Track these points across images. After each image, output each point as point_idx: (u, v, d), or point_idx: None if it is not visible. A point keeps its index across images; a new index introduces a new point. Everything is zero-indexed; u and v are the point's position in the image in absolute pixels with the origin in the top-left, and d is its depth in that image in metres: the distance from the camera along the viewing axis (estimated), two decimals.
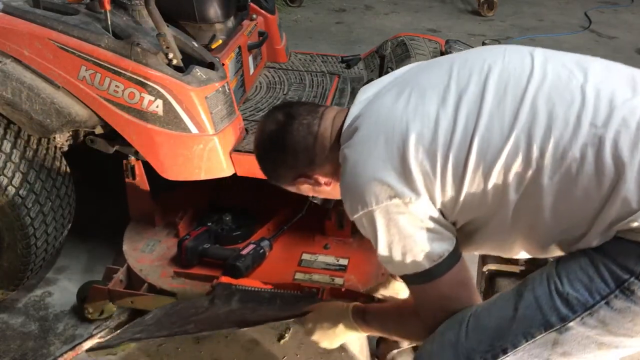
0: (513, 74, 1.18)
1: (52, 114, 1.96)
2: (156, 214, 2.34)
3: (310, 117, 1.34)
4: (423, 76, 1.27)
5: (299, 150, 1.33)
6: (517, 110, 1.13)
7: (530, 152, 1.10)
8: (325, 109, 1.37)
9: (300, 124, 1.33)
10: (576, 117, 1.09)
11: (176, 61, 1.94)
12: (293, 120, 1.34)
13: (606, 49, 4.93)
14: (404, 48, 2.59)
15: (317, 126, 1.33)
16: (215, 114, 1.98)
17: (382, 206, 1.18)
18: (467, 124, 1.14)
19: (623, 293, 1.05)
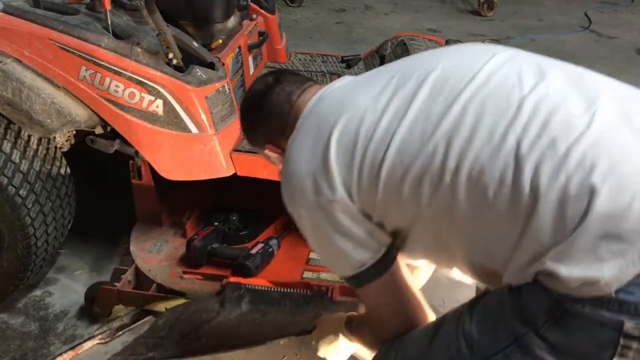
0: (457, 73, 1.07)
1: (52, 114, 1.96)
2: (163, 214, 2.35)
3: (295, 86, 1.33)
4: (378, 70, 1.26)
5: (273, 115, 1.32)
6: (444, 113, 1.01)
7: (446, 163, 0.99)
8: (312, 84, 1.35)
9: (282, 90, 1.32)
10: (503, 131, 0.96)
11: (176, 61, 1.94)
12: (277, 85, 1.33)
13: (606, 49, 4.93)
14: (404, 48, 2.59)
15: (297, 97, 1.31)
16: (215, 114, 1.98)
17: (307, 203, 1.15)
18: (392, 120, 1.06)
19: (520, 348, 0.95)
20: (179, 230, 2.33)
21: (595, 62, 4.62)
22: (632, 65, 4.63)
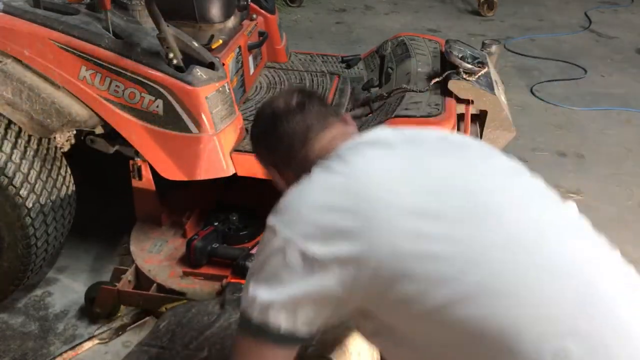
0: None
1: (52, 114, 1.96)
2: (163, 214, 2.35)
3: (316, 121, 1.24)
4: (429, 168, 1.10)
5: (283, 143, 1.26)
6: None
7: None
8: (333, 122, 1.26)
9: (302, 121, 1.24)
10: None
11: (176, 61, 1.94)
12: (299, 113, 1.25)
13: (606, 49, 4.93)
14: (404, 48, 2.59)
15: (314, 134, 1.23)
16: (215, 114, 1.98)
17: (289, 241, 1.02)
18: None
19: None
20: (179, 230, 2.33)
21: (595, 62, 4.62)
22: (632, 65, 4.63)
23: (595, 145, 3.48)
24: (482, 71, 2.11)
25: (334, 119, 1.28)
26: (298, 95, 1.29)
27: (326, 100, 1.35)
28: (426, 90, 2.18)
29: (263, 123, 1.32)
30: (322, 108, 1.28)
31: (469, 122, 2.08)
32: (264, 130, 1.32)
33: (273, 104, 1.30)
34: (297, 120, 1.25)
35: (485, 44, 2.53)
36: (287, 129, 1.25)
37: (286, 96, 1.30)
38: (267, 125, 1.30)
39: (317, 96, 1.32)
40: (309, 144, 1.23)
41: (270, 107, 1.31)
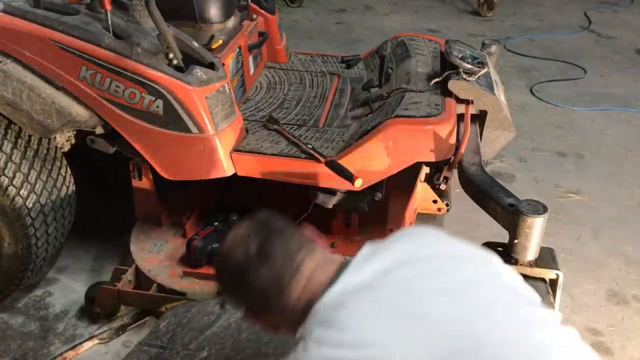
0: None
1: (52, 114, 1.96)
2: (163, 214, 2.35)
3: (284, 267, 1.16)
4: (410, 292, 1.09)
5: (258, 296, 1.19)
6: None
7: None
8: (304, 257, 1.18)
9: (270, 272, 1.16)
10: None
11: (176, 61, 1.94)
12: (263, 263, 1.16)
13: (606, 49, 4.93)
14: (404, 48, 2.59)
15: (288, 282, 1.16)
16: (215, 114, 1.98)
17: None
18: None
19: None
20: (178, 230, 2.33)
21: (595, 62, 4.63)
22: (632, 65, 4.63)
23: (595, 145, 3.48)
24: (482, 71, 2.11)
25: (301, 254, 1.19)
26: (255, 239, 1.19)
27: (283, 223, 1.25)
28: (426, 91, 2.18)
29: (228, 279, 1.24)
30: (284, 247, 1.19)
31: (468, 122, 2.08)
32: (232, 288, 1.25)
33: (232, 255, 1.20)
34: (263, 274, 1.17)
35: (485, 44, 2.53)
36: (256, 286, 1.18)
37: (244, 243, 1.19)
38: (234, 282, 1.22)
39: (274, 229, 1.22)
40: (285, 295, 1.17)
41: (230, 261, 1.21)
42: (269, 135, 2.21)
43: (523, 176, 3.14)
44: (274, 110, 2.43)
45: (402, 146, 1.98)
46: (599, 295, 2.39)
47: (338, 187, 2.05)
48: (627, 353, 2.14)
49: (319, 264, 1.19)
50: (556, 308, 1.61)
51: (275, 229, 1.22)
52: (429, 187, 2.58)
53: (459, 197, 2.63)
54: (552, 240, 2.61)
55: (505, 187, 1.77)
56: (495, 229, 1.81)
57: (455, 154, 1.99)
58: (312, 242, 1.24)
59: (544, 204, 1.60)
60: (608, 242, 2.68)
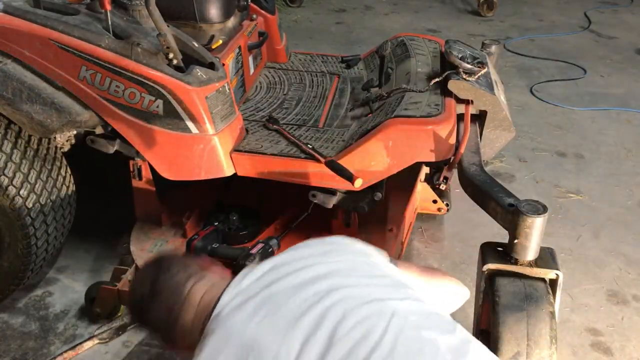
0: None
1: (52, 114, 1.96)
2: (163, 214, 2.35)
3: (172, 299, 1.31)
4: (285, 293, 1.21)
5: (159, 328, 1.35)
6: None
7: None
8: (191, 287, 1.32)
9: (161, 306, 1.31)
10: None
11: (176, 61, 1.94)
12: (154, 300, 1.32)
13: (606, 49, 4.93)
14: (403, 48, 2.59)
15: (179, 311, 1.30)
16: (215, 114, 1.98)
17: None
18: None
19: None
20: (179, 230, 2.33)
21: (595, 62, 4.63)
22: (632, 65, 4.63)
23: (595, 145, 3.49)
24: (482, 71, 2.11)
25: (188, 284, 1.32)
26: (147, 280, 1.35)
27: (173, 261, 1.40)
28: (426, 91, 2.18)
29: (134, 314, 1.45)
30: (170, 282, 1.33)
31: (468, 122, 2.08)
32: (144, 325, 1.42)
33: (132, 296, 1.41)
34: (156, 309, 1.32)
35: (485, 44, 2.53)
36: (155, 319, 1.33)
37: (140, 284, 1.38)
38: (137, 317, 1.42)
39: (163, 266, 1.36)
40: (179, 323, 1.30)
41: (131, 300, 1.41)
42: (269, 135, 2.21)
43: (523, 176, 3.15)
44: (273, 110, 2.43)
45: (402, 146, 1.98)
46: (599, 295, 2.39)
47: (338, 187, 2.05)
48: (627, 353, 2.14)
49: (207, 289, 1.31)
50: (556, 308, 1.61)
51: (163, 267, 1.36)
52: (429, 187, 2.58)
53: (459, 197, 2.63)
54: (552, 240, 2.62)
55: (505, 187, 1.77)
56: (495, 229, 1.81)
57: (455, 154, 1.99)
58: (203, 271, 1.36)
59: (543, 204, 1.60)
60: (608, 242, 2.68)
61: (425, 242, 2.65)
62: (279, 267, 1.28)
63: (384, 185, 2.08)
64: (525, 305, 1.54)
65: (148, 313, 1.34)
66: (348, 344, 1.10)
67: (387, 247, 2.25)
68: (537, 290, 1.58)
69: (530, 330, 1.51)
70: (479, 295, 1.74)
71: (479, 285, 1.73)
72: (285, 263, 1.29)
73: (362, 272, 1.29)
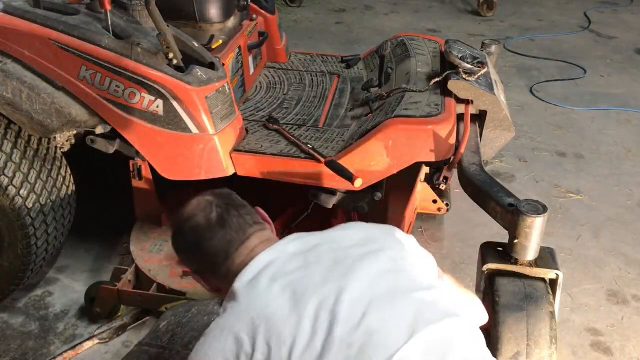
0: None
1: (52, 114, 1.96)
2: (163, 214, 2.35)
3: (236, 235, 1.31)
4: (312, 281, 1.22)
5: (209, 258, 1.33)
6: None
7: None
8: (254, 232, 1.34)
9: (224, 237, 1.31)
10: None
11: (176, 61, 1.94)
12: (220, 229, 1.31)
13: (606, 49, 4.93)
14: (404, 48, 2.59)
15: (235, 249, 1.30)
16: (215, 114, 1.98)
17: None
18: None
19: None
20: None
21: (595, 62, 4.63)
22: (632, 65, 4.63)
23: (595, 145, 3.49)
24: (482, 71, 2.11)
25: (252, 229, 1.34)
26: (216, 208, 1.34)
27: (242, 200, 1.43)
28: (426, 90, 2.18)
29: (185, 240, 1.36)
30: (240, 219, 1.34)
31: (468, 122, 2.08)
32: (186, 248, 1.37)
33: (193, 219, 1.34)
34: (219, 237, 1.31)
35: (485, 44, 2.53)
36: (210, 247, 1.31)
37: (205, 209, 1.34)
38: (190, 242, 1.35)
39: (234, 203, 1.38)
40: (230, 259, 1.30)
41: (190, 223, 1.34)
42: (269, 135, 2.21)
43: (523, 176, 3.15)
44: (274, 110, 2.43)
45: (402, 146, 1.98)
46: (599, 295, 2.39)
47: (338, 187, 2.05)
48: (627, 353, 2.14)
49: (263, 240, 1.33)
50: (556, 308, 1.61)
51: (235, 203, 1.38)
52: (429, 187, 2.58)
53: (459, 197, 2.63)
54: (552, 240, 2.62)
55: (505, 187, 1.77)
56: (495, 229, 1.81)
57: (455, 154, 1.99)
58: (264, 223, 1.40)
59: (543, 204, 1.60)
60: (608, 242, 2.68)
61: (425, 242, 2.65)
62: (322, 245, 1.29)
63: (384, 185, 2.08)
64: (525, 305, 1.54)
65: (207, 239, 1.31)
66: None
67: None
68: (537, 290, 1.58)
69: (530, 330, 1.51)
70: (479, 295, 1.74)
71: (479, 285, 1.73)
72: (330, 242, 1.30)
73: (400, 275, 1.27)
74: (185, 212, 1.36)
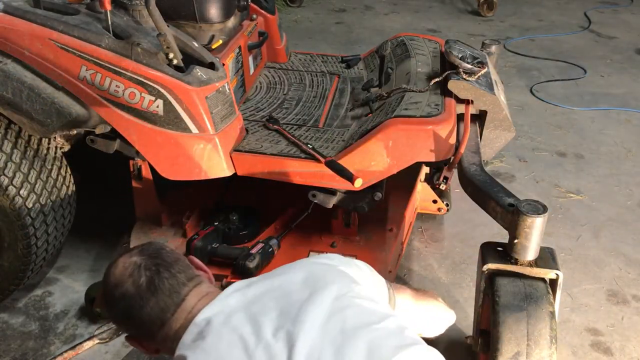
0: None
1: (52, 114, 1.96)
2: (163, 214, 2.35)
3: (170, 299, 1.24)
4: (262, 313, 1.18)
5: (143, 326, 1.27)
6: None
7: None
8: (189, 291, 1.27)
9: (157, 304, 1.24)
10: None
11: (176, 61, 1.95)
12: (152, 295, 1.24)
13: (606, 49, 4.93)
14: (404, 48, 2.59)
15: (171, 314, 1.24)
16: (215, 114, 1.98)
17: None
18: None
19: None
20: (179, 230, 2.33)
21: (595, 62, 4.63)
22: (632, 65, 4.63)
23: (595, 145, 3.49)
24: (482, 71, 2.11)
25: (187, 288, 1.27)
26: (145, 272, 1.26)
27: (173, 256, 1.34)
28: (426, 90, 2.18)
29: (115, 308, 1.29)
30: (172, 280, 1.27)
31: (468, 122, 2.08)
32: (117, 316, 1.32)
33: (121, 286, 1.26)
34: (151, 305, 1.24)
35: (485, 44, 2.53)
36: (142, 316, 1.25)
37: (132, 273, 1.26)
38: (121, 311, 1.28)
39: (165, 261, 1.29)
40: (167, 326, 1.25)
41: (119, 290, 1.26)
42: (269, 135, 2.21)
43: (523, 176, 3.15)
44: (274, 110, 2.43)
45: (402, 146, 1.98)
46: (599, 295, 2.39)
47: (338, 187, 2.05)
48: (627, 353, 2.14)
49: (201, 296, 1.27)
50: (556, 308, 1.61)
51: (165, 261, 1.30)
52: (429, 187, 2.58)
53: (459, 197, 2.63)
54: (551, 240, 2.63)
55: (505, 187, 1.77)
56: (495, 229, 1.81)
57: (455, 154, 1.99)
58: (199, 276, 1.33)
59: (543, 204, 1.60)
60: (608, 242, 2.68)
61: (425, 242, 2.65)
62: (265, 294, 1.23)
63: (384, 185, 2.08)
64: (525, 305, 1.54)
65: (138, 307, 1.24)
66: None
67: (387, 247, 2.26)
68: (537, 290, 1.58)
69: (530, 330, 1.51)
70: (479, 295, 1.74)
71: (479, 285, 1.74)
72: (272, 290, 1.25)
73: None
74: (113, 277, 1.28)
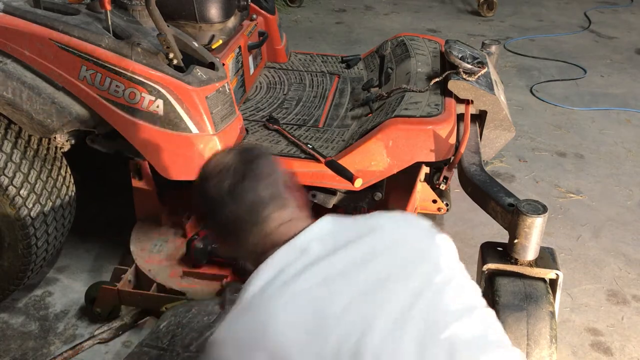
0: None
1: (52, 114, 1.96)
2: (163, 213, 2.35)
3: (248, 216, 1.18)
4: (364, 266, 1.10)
5: (218, 226, 1.22)
6: None
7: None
8: (269, 214, 1.18)
9: (233, 213, 1.18)
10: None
11: (176, 61, 1.95)
12: (231, 201, 1.17)
13: (606, 49, 4.93)
14: (404, 48, 2.59)
15: (248, 231, 1.18)
16: (215, 113, 1.98)
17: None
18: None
19: None
20: (179, 229, 2.33)
21: (595, 62, 4.63)
22: (632, 65, 4.63)
23: (595, 145, 3.49)
24: (482, 71, 2.12)
25: (267, 210, 1.19)
26: (231, 176, 1.19)
27: (265, 167, 1.23)
28: (426, 90, 2.18)
29: (198, 199, 1.24)
30: (254, 196, 1.19)
31: (468, 122, 2.08)
32: (199, 207, 1.26)
33: (206, 182, 1.21)
34: (229, 210, 1.18)
35: (485, 44, 2.53)
36: (220, 218, 1.20)
37: (219, 173, 1.20)
38: (202, 205, 1.23)
39: (255, 171, 1.20)
40: (242, 239, 1.19)
41: (203, 185, 1.22)
42: (269, 135, 2.21)
43: (523, 176, 3.15)
44: (274, 110, 2.43)
45: (402, 146, 1.98)
46: (599, 295, 2.39)
47: (338, 187, 2.05)
48: (627, 353, 2.14)
49: (282, 222, 1.18)
50: (556, 308, 1.61)
51: (255, 172, 1.20)
52: (429, 187, 2.58)
53: (459, 197, 2.63)
54: (551, 240, 2.62)
55: (505, 187, 1.77)
56: (495, 229, 1.81)
57: (455, 154, 1.99)
58: (285, 197, 1.21)
59: (543, 204, 1.60)
60: (608, 242, 2.68)
61: None
62: (352, 248, 1.13)
63: (384, 185, 2.09)
64: (525, 305, 1.54)
65: (218, 209, 1.18)
66: None
67: None
68: (537, 290, 1.58)
69: (530, 330, 1.51)
70: None
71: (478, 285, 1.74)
72: (361, 246, 1.14)
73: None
74: (204, 169, 1.23)
